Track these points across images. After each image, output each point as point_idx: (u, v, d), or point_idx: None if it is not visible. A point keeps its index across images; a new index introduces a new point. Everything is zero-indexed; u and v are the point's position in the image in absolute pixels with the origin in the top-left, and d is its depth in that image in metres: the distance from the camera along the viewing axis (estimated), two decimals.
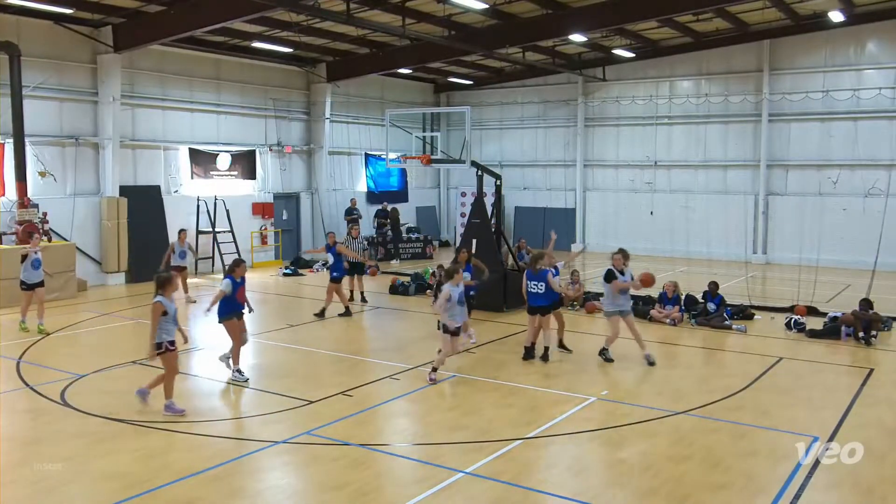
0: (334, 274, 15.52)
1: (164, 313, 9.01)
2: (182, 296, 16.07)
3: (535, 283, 11.58)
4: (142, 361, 11.58)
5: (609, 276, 11.57)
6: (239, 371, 10.66)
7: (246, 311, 10.85)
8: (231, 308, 10.54)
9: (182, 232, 17.48)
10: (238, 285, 10.56)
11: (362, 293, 17.23)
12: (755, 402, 9.76)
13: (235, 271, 10.66)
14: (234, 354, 10.71)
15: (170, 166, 21.33)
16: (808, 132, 23.45)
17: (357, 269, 16.91)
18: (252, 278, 20.84)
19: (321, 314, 15.28)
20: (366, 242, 20.75)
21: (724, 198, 24.87)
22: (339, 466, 7.58)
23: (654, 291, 16.36)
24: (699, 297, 15.28)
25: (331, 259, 15.76)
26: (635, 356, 11.70)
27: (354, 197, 25.82)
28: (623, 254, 11.79)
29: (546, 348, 11.71)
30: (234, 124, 23.05)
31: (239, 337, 10.65)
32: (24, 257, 13.83)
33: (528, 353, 11.85)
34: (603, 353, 11.75)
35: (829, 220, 22.63)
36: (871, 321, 13.12)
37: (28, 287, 13.69)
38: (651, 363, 11.46)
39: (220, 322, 10.65)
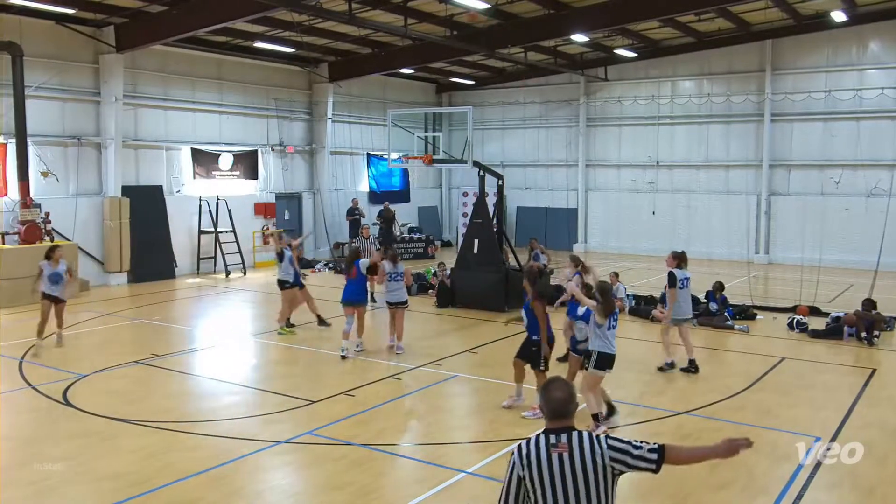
0: (300, 280, 14.35)
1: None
2: (54, 331, 12.53)
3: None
4: (144, 361, 11.62)
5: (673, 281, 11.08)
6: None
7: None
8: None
9: (56, 250, 12.55)
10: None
11: (371, 293, 17.20)
12: (757, 403, 9.74)
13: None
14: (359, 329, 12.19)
15: (172, 166, 21.34)
16: (810, 132, 23.40)
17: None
18: (255, 278, 20.96)
19: (322, 322, 14.31)
20: (378, 242, 20.70)
21: (727, 198, 24.83)
22: (341, 466, 7.58)
23: (655, 291, 16.41)
24: (701, 296, 15.26)
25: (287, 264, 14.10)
26: (635, 357, 11.68)
27: (356, 197, 25.81)
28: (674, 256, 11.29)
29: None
30: (236, 124, 23.06)
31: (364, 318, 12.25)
32: (299, 259, 14.02)
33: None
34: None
35: (831, 220, 22.59)
36: (873, 321, 13.09)
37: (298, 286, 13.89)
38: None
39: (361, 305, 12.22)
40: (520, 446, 3.74)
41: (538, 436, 3.72)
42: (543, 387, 3.84)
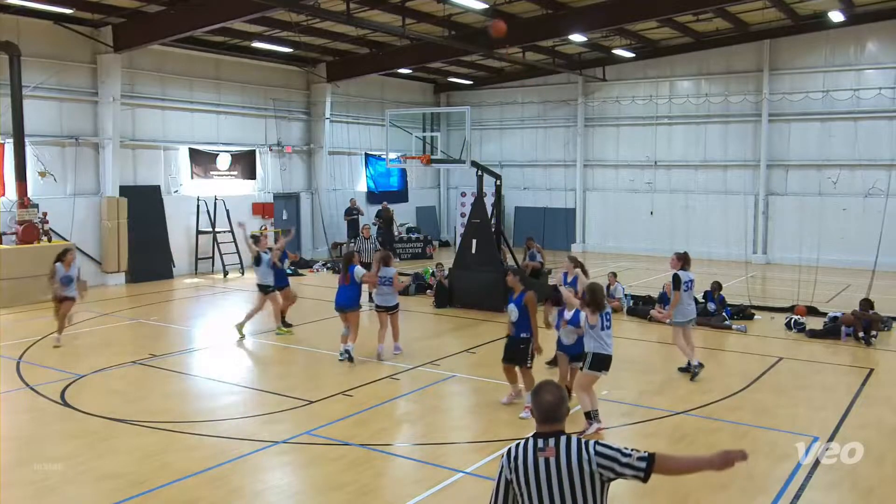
0: (284, 282, 14.34)
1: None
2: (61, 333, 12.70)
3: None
4: (142, 361, 11.61)
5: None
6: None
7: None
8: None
9: (68, 252, 12.80)
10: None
11: (370, 293, 17.18)
12: (755, 402, 9.75)
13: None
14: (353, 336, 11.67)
15: (170, 166, 21.32)
16: (808, 132, 23.42)
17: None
18: (252, 278, 20.78)
19: (285, 324, 14.25)
20: (378, 243, 20.63)
21: (724, 198, 24.86)
22: (339, 466, 7.58)
23: (653, 291, 16.42)
24: (699, 296, 15.25)
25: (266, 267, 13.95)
26: (633, 357, 11.69)
27: (354, 197, 25.81)
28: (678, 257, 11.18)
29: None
30: (234, 124, 23.05)
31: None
32: (258, 260, 13.46)
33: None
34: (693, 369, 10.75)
35: (829, 220, 22.62)
36: (871, 321, 13.11)
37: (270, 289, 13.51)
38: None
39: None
40: (509, 450, 3.78)
41: (527, 439, 3.75)
42: (534, 390, 3.84)
